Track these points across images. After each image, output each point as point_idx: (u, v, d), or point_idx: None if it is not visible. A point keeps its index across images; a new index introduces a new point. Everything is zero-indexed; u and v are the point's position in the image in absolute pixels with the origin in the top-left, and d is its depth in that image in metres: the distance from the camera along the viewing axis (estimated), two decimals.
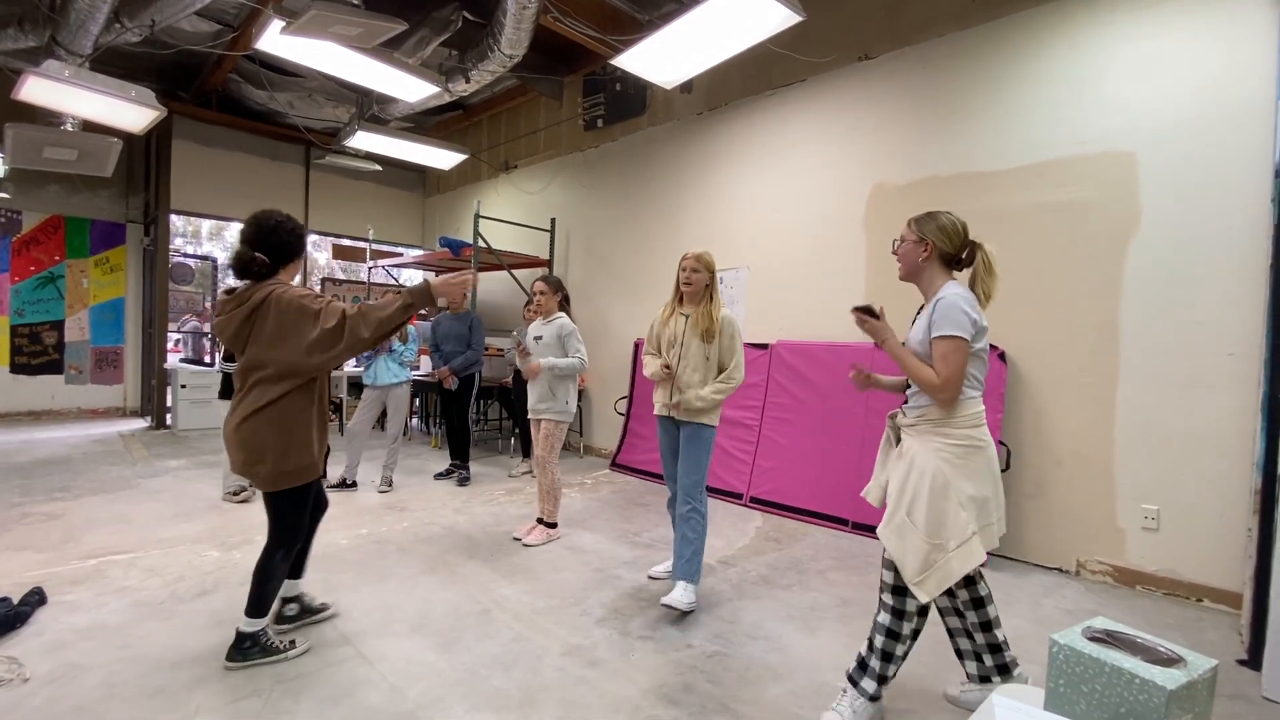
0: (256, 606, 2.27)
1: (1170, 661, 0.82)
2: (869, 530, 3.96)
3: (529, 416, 3.76)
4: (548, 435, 3.65)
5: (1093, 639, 0.88)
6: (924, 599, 1.89)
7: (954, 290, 1.95)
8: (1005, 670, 2.06)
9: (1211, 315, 3.14)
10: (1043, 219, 3.67)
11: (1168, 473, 3.24)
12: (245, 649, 2.26)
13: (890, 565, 2.00)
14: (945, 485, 1.88)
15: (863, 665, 2.05)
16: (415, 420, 7.60)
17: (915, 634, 2.01)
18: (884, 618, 2.01)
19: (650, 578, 3.19)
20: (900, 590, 1.97)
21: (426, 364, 6.14)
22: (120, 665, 2.23)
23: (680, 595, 2.75)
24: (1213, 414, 3.13)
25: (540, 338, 3.71)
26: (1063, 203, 3.60)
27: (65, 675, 2.16)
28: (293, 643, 2.35)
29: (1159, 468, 3.27)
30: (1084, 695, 0.85)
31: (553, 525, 3.74)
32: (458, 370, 4.92)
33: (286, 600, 2.53)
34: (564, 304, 3.86)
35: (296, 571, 2.55)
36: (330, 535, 3.66)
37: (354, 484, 4.72)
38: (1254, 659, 2.45)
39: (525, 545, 3.61)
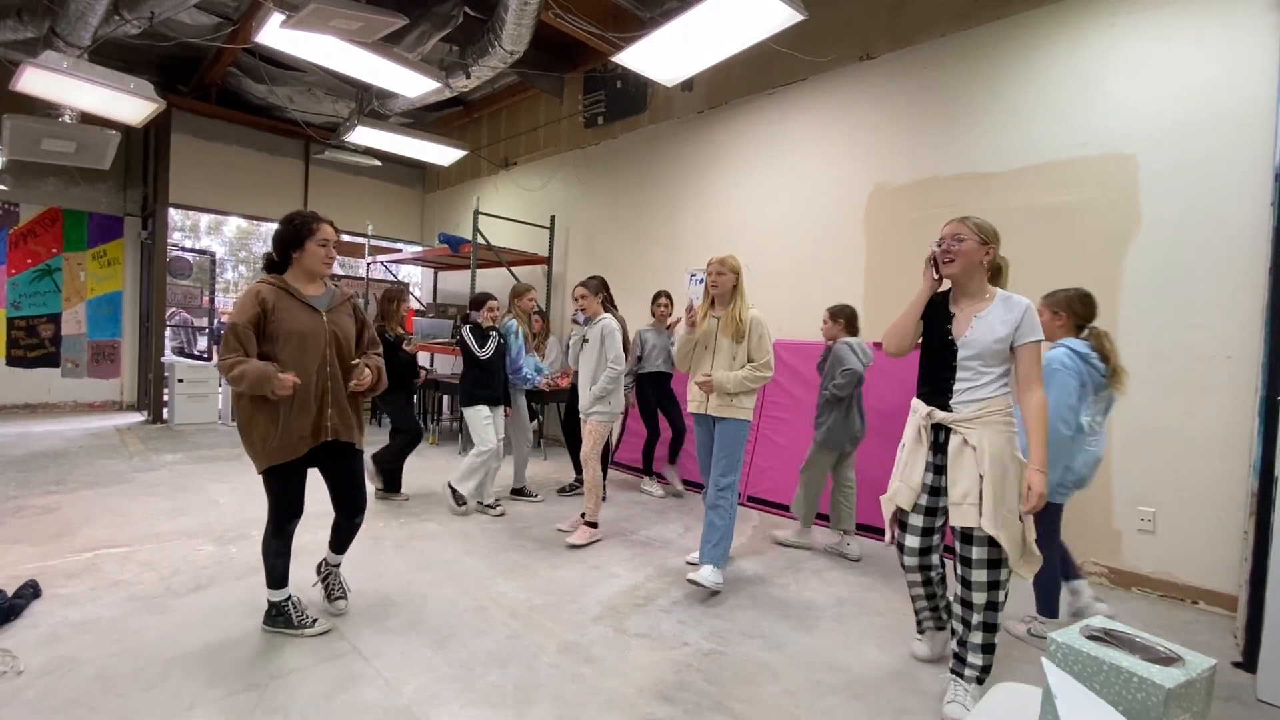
0: (267, 578, 2.47)
1: (1169, 660, 0.82)
2: (866, 530, 3.96)
3: (580, 414, 3.80)
4: (592, 432, 3.69)
5: (1091, 638, 0.87)
6: (1029, 576, 2.05)
7: (1024, 297, 2.10)
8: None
9: (1209, 318, 3.15)
10: (1042, 220, 3.67)
11: (1164, 475, 3.25)
12: (272, 616, 2.48)
13: (983, 564, 2.05)
14: (1019, 471, 2.04)
15: (961, 660, 2.16)
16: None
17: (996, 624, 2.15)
18: (984, 616, 2.09)
19: (688, 563, 3.33)
20: (995, 584, 2.07)
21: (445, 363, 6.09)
22: (115, 659, 2.22)
23: (708, 574, 2.97)
24: (1210, 417, 3.13)
25: (587, 340, 3.77)
26: (1063, 204, 3.60)
27: (60, 668, 2.15)
28: (315, 621, 2.48)
29: (1156, 470, 3.28)
30: None
31: (594, 525, 3.75)
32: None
33: (325, 560, 2.76)
34: (608, 304, 3.85)
35: (338, 547, 2.72)
36: (328, 531, 3.64)
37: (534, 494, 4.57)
38: (1249, 661, 2.46)
39: (571, 545, 3.60)
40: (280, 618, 2.46)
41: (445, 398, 7.21)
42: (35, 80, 3.99)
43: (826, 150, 4.72)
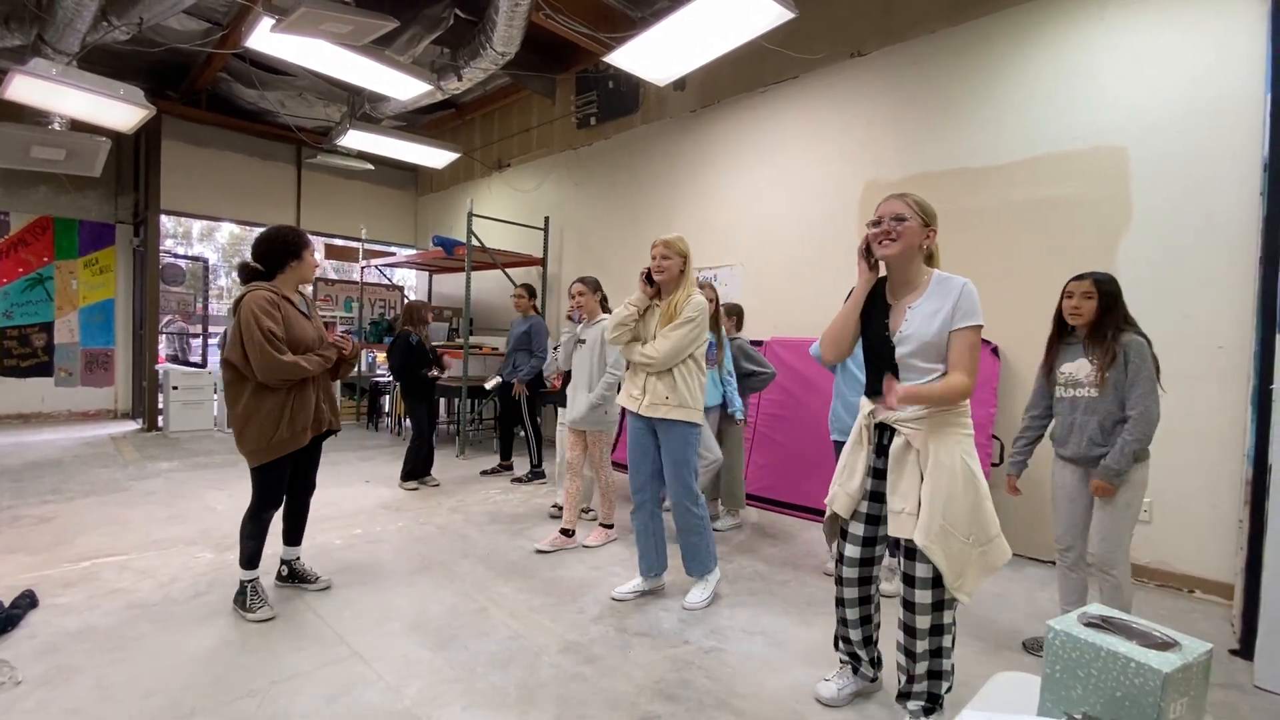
0: (240, 559, 2.65)
1: (1165, 645, 0.83)
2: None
3: (567, 423, 3.66)
4: (595, 443, 3.60)
5: (1088, 624, 0.88)
6: (967, 600, 1.78)
7: (962, 277, 1.85)
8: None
9: (1201, 309, 3.17)
10: (1034, 214, 3.69)
11: (1159, 465, 3.22)
12: (236, 594, 2.66)
13: (928, 583, 1.83)
14: (972, 478, 1.79)
15: (906, 694, 1.96)
16: (387, 420, 7.57)
17: (953, 640, 1.93)
18: (927, 643, 1.87)
19: (613, 599, 2.91)
20: (940, 605, 1.84)
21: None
22: (113, 667, 2.21)
23: (699, 595, 2.85)
24: (1203, 407, 3.15)
25: (584, 341, 3.60)
26: (1054, 198, 3.62)
27: (58, 678, 2.14)
28: (261, 608, 2.59)
29: (1150, 460, 3.29)
30: (1080, 680, 0.85)
31: (609, 526, 3.72)
32: (525, 380, 4.98)
33: (281, 562, 2.91)
34: (603, 304, 3.76)
35: (292, 539, 2.90)
36: (325, 535, 3.64)
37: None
38: (1246, 649, 2.48)
39: (586, 546, 3.58)
40: (240, 596, 2.63)
41: (443, 399, 7.20)
42: (24, 88, 3.97)
43: (819, 148, 4.73)
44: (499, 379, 5.16)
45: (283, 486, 2.67)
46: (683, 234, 2.88)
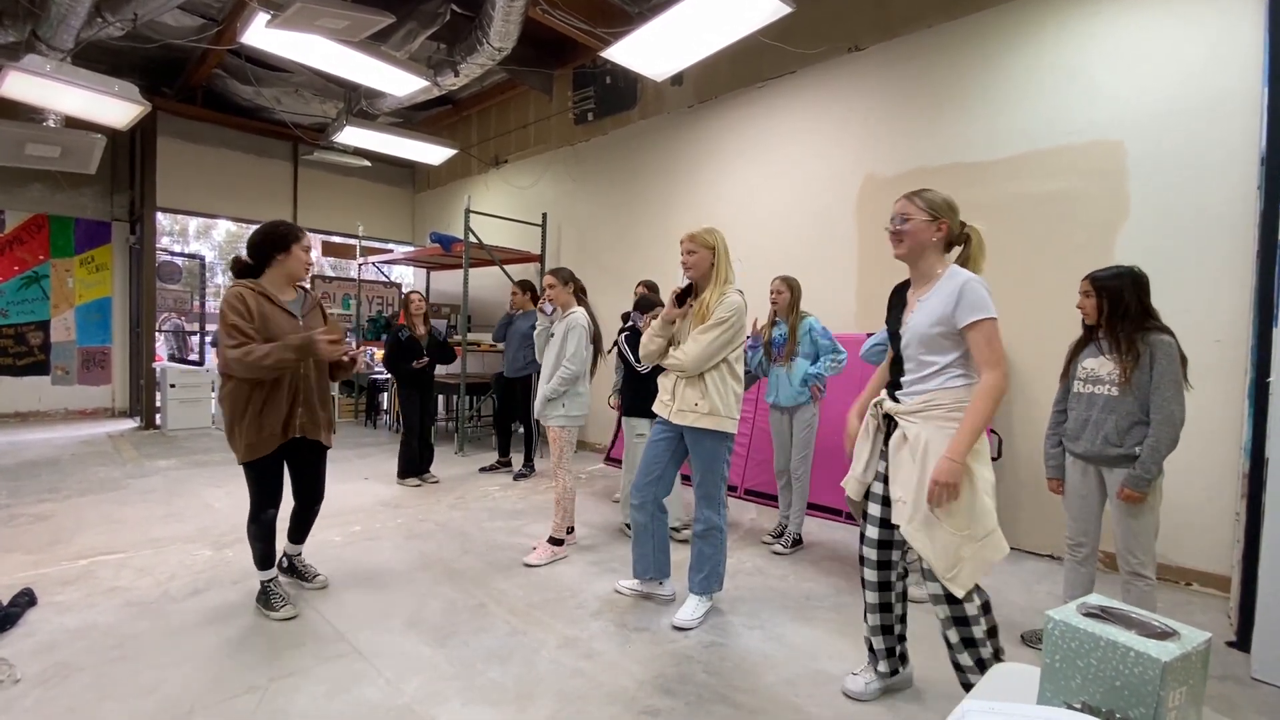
0: (254, 561, 2.67)
1: (1164, 635, 0.83)
2: (828, 512, 3.96)
3: (534, 418, 3.59)
4: (555, 440, 3.43)
5: (1087, 615, 0.88)
6: (960, 593, 1.81)
7: (969, 273, 1.88)
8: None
9: (1199, 303, 3.17)
10: (1032, 209, 3.69)
11: None
12: (258, 594, 2.68)
13: (932, 574, 1.87)
14: (968, 472, 1.80)
15: (958, 666, 1.98)
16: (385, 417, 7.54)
17: (993, 630, 1.91)
18: (955, 633, 1.90)
19: (616, 591, 2.94)
20: (951, 597, 1.86)
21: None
22: (112, 665, 2.21)
23: (691, 612, 2.64)
24: (1200, 400, 3.13)
25: (554, 335, 3.53)
26: (1052, 192, 3.62)
27: (56, 676, 2.14)
28: (284, 607, 2.61)
29: None
30: (1079, 670, 0.85)
31: (559, 542, 3.38)
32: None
33: (284, 554, 2.94)
34: (580, 295, 3.67)
35: (296, 538, 2.94)
36: (324, 533, 3.63)
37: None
38: (1243, 641, 2.49)
39: (526, 565, 3.26)
40: (262, 595, 2.66)
41: (441, 397, 7.19)
42: (17, 84, 3.94)
43: (817, 143, 4.73)
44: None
45: (270, 488, 2.59)
46: (681, 229, 2.80)
